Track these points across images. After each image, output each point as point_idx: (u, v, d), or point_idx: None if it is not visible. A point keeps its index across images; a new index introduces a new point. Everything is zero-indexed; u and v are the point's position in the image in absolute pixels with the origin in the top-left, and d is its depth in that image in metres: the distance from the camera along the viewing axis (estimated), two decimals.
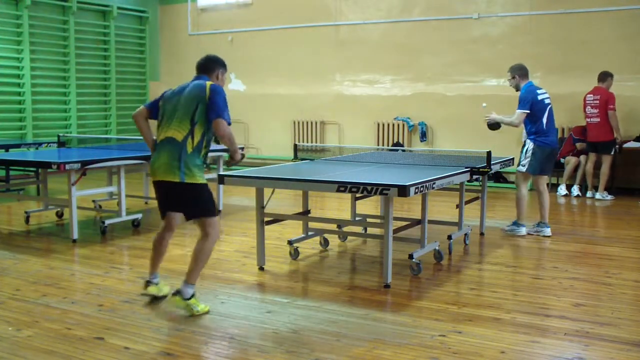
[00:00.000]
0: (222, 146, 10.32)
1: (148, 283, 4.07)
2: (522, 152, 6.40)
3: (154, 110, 4.08)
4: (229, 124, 3.91)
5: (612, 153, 8.67)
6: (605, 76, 8.64)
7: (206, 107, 3.86)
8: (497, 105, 9.99)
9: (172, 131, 3.85)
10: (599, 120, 8.60)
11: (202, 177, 3.87)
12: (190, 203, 3.90)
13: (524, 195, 6.42)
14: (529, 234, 6.38)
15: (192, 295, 3.95)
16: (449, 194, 6.68)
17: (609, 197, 8.62)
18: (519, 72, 6.39)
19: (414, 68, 10.70)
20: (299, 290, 4.59)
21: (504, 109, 10.07)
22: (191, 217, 3.96)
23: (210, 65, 4.16)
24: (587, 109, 8.72)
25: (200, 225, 3.95)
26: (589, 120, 8.73)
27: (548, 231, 6.35)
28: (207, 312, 3.98)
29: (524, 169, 6.27)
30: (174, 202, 3.95)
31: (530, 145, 6.21)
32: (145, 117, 4.10)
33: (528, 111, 6.14)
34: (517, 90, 6.38)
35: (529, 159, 6.20)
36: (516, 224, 6.46)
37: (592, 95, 8.70)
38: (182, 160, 3.78)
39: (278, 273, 4.95)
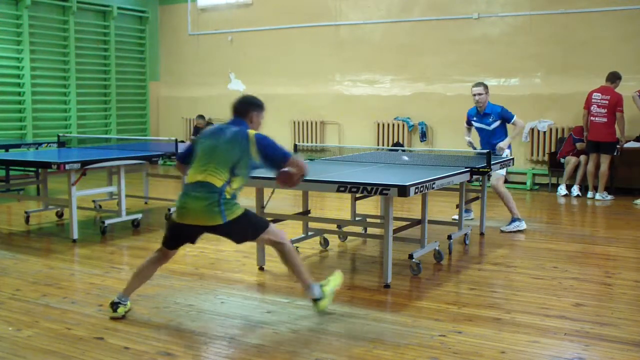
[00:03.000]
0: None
1: (117, 305, 3.87)
2: (493, 159, 6.17)
3: (185, 158, 3.98)
4: (286, 157, 3.80)
5: (615, 154, 8.65)
6: (614, 78, 8.56)
7: (260, 160, 3.74)
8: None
9: (208, 176, 3.67)
10: (605, 120, 8.54)
11: (240, 208, 3.74)
12: (239, 234, 3.81)
13: (508, 192, 6.64)
14: (502, 231, 6.54)
15: (321, 286, 3.90)
16: (449, 194, 6.68)
17: (609, 197, 8.61)
18: (487, 90, 6.72)
19: (414, 68, 10.70)
20: (299, 290, 4.58)
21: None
22: (247, 241, 3.91)
23: (242, 108, 3.99)
24: (592, 108, 8.64)
25: (265, 242, 3.90)
26: (593, 119, 8.65)
27: (524, 224, 6.60)
28: (341, 277, 4.07)
29: (504, 173, 6.56)
30: (191, 239, 3.87)
31: (507, 152, 6.63)
32: (182, 170, 4.02)
33: None
34: (480, 105, 6.65)
35: (506, 166, 6.35)
36: (515, 220, 6.55)
37: (599, 94, 8.61)
38: (222, 205, 3.63)
39: (278, 273, 4.95)
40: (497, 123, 6.62)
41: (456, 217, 6.89)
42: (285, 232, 3.97)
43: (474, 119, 6.78)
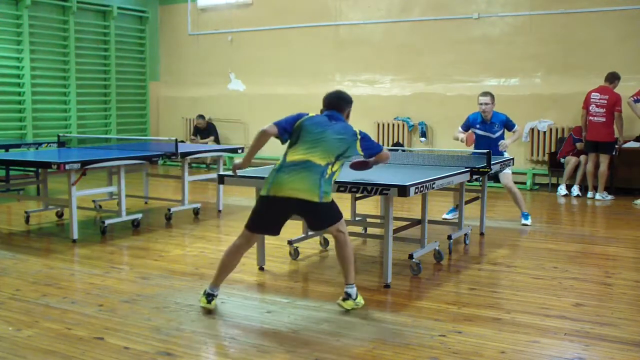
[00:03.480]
0: (222, 146, 10.34)
1: (210, 296, 4.01)
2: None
3: (284, 133, 4.12)
4: (380, 149, 4.31)
5: (614, 154, 8.66)
6: (613, 78, 8.58)
7: (361, 151, 4.18)
8: (496, 105, 10.01)
9: (313, 157, 3.92)
10: (604, 120, 8.55)
11: (331, 195, 3.99)
12: (324, 218, 4.01)
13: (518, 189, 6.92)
14: (527, 225, 6.82)
15: (357, 294, 4.06)
16: (449, 194, 6.69)
17: (609, 197, 8.62)
18: (494, 100, 6.87)
19: (414, 68, 10.70)
20: (299, 290, 4.59)
21: (504, 108, 10.11)
22: (323, 228, 4.08)
23: (340, 105, 4.34)
24: (591, 107, 8.65)
25: (333, 230, 4.03)
26: (592, 118, 8.67)
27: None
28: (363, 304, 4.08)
29: (510, 171, 6.77)
30: (280, 222, 4.03)
31: (506, 154, 6.85)
32: (272, 136, 4.14)
33: None
34: (486, 114, 6.77)
35: (506, 166, 6.49)
36: (527, 215, 6.88)
37: (598, 94, 8.62)
38: (322, 183, 3.88)
39: (278, 273, 4.95)
40: (501, 131, 6.82)
41: (446, 216, 6.99)
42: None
43: (478, 126, 6.83)
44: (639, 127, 9.03)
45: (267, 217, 4.00)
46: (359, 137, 4.16)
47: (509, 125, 6.82)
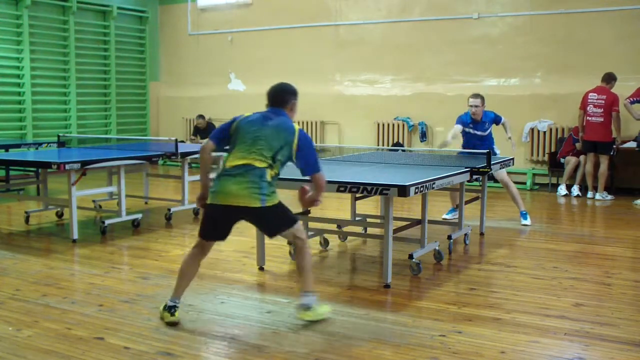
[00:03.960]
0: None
1: (173, 308, 3.81)
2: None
3: (220, 142, 3.93)
4: (318, 170, 3.84)
5: (612, 153, 8.66)
6: (610, 78, 8.60)
7: (295, 155, 3.79)
8: (496, 105, 10.00)
9: (252, 160, 3.71)
10: (602, 120, 8.56)
11: (277, 197, 3.80)
12: (272, 223, 3.83)
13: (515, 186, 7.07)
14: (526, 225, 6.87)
15: (317, 302, 3.88)
16: (449, 194, 6.68)
17: (609, 197, 8.62)
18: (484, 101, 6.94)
19: (414, 68, 10.70)
20: (299, 290, 4.59)
21: (504, 108, 10.10)
22: (275, 235, 3.88)
23: (284, 97, 3.99)
24: (589, 108, 8.66)
25: (289, 236, 3.89)
26: (589, 118, 8.68)
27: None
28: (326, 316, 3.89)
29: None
30: (229, 227, 3.84)
31: (498, 152, 7.03)
32: (211, 151, 3.93)
33: None
34: (476, 115, 6.79)
35: (505, 166, 6.53)
36: (526, 214, 6.95)
37: (595, 94, 8.64)
38: (263, 186, 3.67)
39: (278, 273, 4.95)
40: (490, 128, 6.95)
41: (445, 216, 7.04)
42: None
43: (470, 125, 6.87)
44: (638, 127, 9.02)
45: (216, 225, 3.85)
46: (297, 133, 3.79)
47: (497, 120, 6.98)
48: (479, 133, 6.85)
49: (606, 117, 8.54)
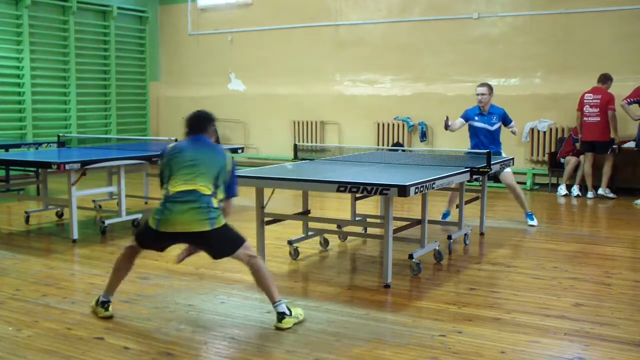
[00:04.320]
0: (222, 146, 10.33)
1: (105, 304, 3.91)
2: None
3: (160, 177, 3.95)
4: (235, 194, 4.02)
5: (610, 153, 8.67)
6: (606, 79, 8.64)
7: (227, 180, 3.91)
8: (497, 105, 10.00)
9: (195, 185, 3.73)
10: (598, 119, 8.60)
11: (223, 219, 3.80)
12: (222, 244, 3.82)
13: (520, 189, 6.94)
14: (533, 226, 6.84)
15: (289, 308, 3.83)
16: (449, 194, 6.68)
17: (612, 194, 8.64)
18: (492, 91, 6.91)
19: (414, 68, 10.70)
20: (299, 290, 4.59)
21: (504, 108, 10.08)
22: (225, 255, 3.88)
23: (202, 125, 4.06)
24: (585, 108, 8.70)
25: (239, 258, 3.86)
26: (586, 119, 8.71)
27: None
28: (303, 318, 3.89)
29: (511, 170, 6.84)
30: (192, 244, 3.88)
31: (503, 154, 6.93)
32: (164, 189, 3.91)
33: None
34: (483, 105, 6.81)
35: (506, 165, 6.52)
36: (532, 215, 6.90)
37: (591, 94, 8.69)
38: (211, 211, 3.69)
39: (278, 273, 4.95)
40: (499, 124, 6.81)
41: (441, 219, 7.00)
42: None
43: (476, 117, 6.82)
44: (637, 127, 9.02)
45: (159, 244, 3.90)
46: (229, 159, 3.94)
47: (506, 120, 6.86)
48: (485, 126, 6.74)
49: (602, 117, 8.57)
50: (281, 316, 3.75)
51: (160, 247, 3.96)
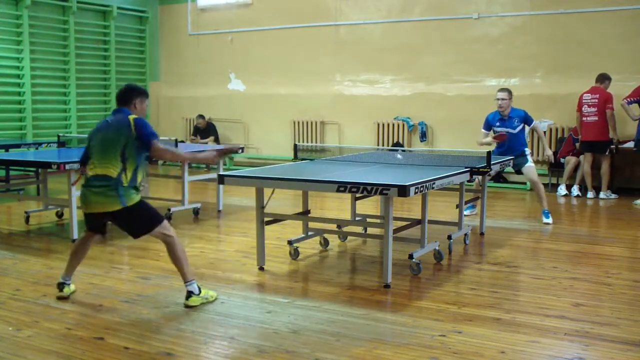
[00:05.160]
0: (222, 146, 10.34)
1: (62, 285, 4.24)
2: (524, 156, 6.96)
3: (85, 160, 4.19)
4: (154, 137, 4.04)
5: (608, 153, 8.67)
6: (603, 78, 8.66)
7: (136, 143, 3.98)
8: (496, 105, 10.00)
9: (104, 169, 3.94)
10: (597, 119, 8.60)
11: (138, 196, 4.02)
12: (137, 222, 4.04)
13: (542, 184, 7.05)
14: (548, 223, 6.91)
15: (199, 288, 4.12)
16: (449, 194, 6.67)
17: (613, 195, 8.64)
18: (512, 95, 6.96)
19: (414, 68, 10.70)
20: (299, 290, 4.59)
21: None
22: (141, 234, 4.07)
23: (125, 96, 4.17)
24: (583, 108, 8.71)
25: (156, 236, 4.07)
26: (585, 119, 8.72)
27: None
28: (216, 298, 4.18)
29: (533, 164, 7.04)
30: (104, 224, 4.17)
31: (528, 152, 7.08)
32: (84, 169, 4.18)
33: None
34: (503, 109, 6.85)
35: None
36: (548, 213, 6.96)
37: (589, 94, 8.70)
38: (120, 190, 3.91)
39: (278, 273, 4.95)
40: (521, 126, 6.88)
41: (466, 212, 7.10)
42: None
43: (497, 123, 6.91)
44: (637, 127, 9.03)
45: (92, 223, 4.16)
46: (132, 123, 3.99)
47: (527, 120, 6.90)
48: (507, 130, 6.84)
49: (601, 116, 8.58)
50: (189, 294, 4.06)
51: (98, 227, 4.20)
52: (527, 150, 7.02)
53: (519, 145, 6.92)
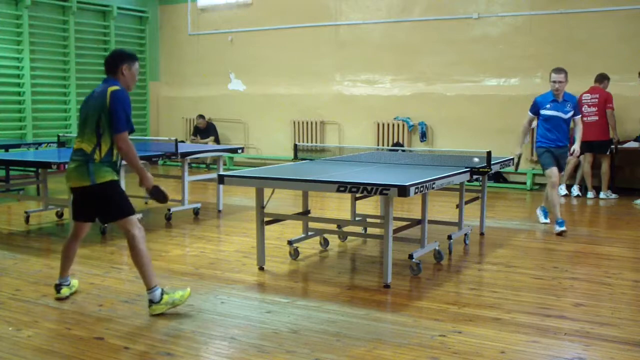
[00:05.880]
0: (222, 146, 10.34)
1: (60, 286, 4.21)
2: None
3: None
4: (132, 130, 3.91)
5: (608, 153, 8.67)
6: (602, 78, 8.67)
7: (108, 118, 3.82)
8: (496, 105, 10.02)
9: (81, 143, 3.90)
10: (597, 119, 8.61)
11: (112, 175, 3.92)
12: (104, 205, 3.94)
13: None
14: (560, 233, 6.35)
15: (162, 293, 3.94)
16: (449, 194, 6.68)
17: (613, 195, 8.64)
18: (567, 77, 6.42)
19: (414, 68, 10.70)
20: (299, 290, 4.59)
21: (504, 108, 10.11)
22: (108, 221, 4.04)
23: (112, 64, 3.96)
24: (583, 108, 8.71)
25: (122, 228, 3.95)
26: (585, 119, 8.70)
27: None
28: (189, 295, 4.03)
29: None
30: (88, 209, 4.03)
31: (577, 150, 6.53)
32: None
33: None
34: (558, 92, 6.35)
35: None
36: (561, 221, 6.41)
37: (589, 94, 8.71)
38: (90, 167, 3.85)
39: (278, 273, 4.95)
40: (572, 113, 6.44)
41: (544, 220, 6.77)
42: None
43: (548, 105, 6.40)
44: (638, 128, 9.03)
45: (76, 205, 4.07)
46: (108, 96, 3.79)
47: (576, 110, 6.49)
48: (558, 114, 6.37)
49: (601, 116, 8.59)
50: (149, 303, 3.91)
51: (83, 214, 4.06)
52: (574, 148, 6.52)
53: (564, 137, 6.46)
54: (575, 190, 8.93)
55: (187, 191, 7.23)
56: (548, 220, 6.82)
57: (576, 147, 6.49)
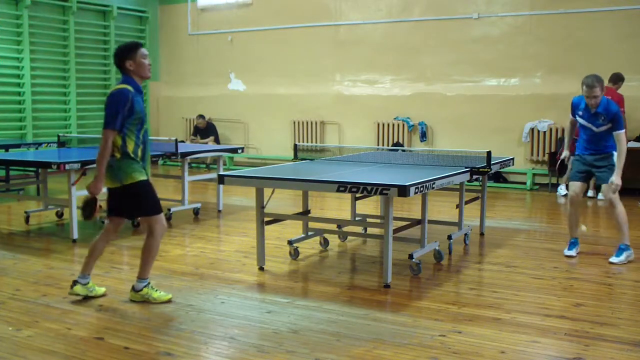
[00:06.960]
0: (222, 146, 10.34)
1: (75, 283, 4.19)
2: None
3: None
4: (118, 130, 3.97)
5: None
6: (617, 79, 8.56)
7: (128, 115, 4.02)
8: (496, 105, 10.03)
9: (115, 142, 4.03)
10: None
11: (140, 175, 4.01)
12: (132, 203, 4.05)
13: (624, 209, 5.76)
14: (611, 263, 5.29)
15: (145, 286, 4.14)
16: (449, 194, 6.67)
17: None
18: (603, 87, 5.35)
19: (414, 68, 10.70)
20: (299, 290, 4.59)
21: (504, 108, 10.10)
22: (134, 217, 4.16)
23: (117, 64, 4.08)
24: None
25: (146, 222, 4.10)
26: None
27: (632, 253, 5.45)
28: (168, 301, 4.14)
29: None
30: (119, 206, 4.13)
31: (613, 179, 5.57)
32: None
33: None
34: (594, 105, 5.30)
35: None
36: (626, 248, 5.42)
37: None
38: (117, 171, 3.96)
39: (278, 273, 4.95)
40: (606, 127, 5.36)
41: (567, 252, 5.53)
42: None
43: (579, 112, 5.48)
44: (638, 128, 9.04)
45: (111, 202, 4.15)
46: (108, 96, 4.04)
47: (615, 124, 5.32)
48: (588, 125, 5.42)
49: None
50: (132, 288, 4.16)
51: (115, 209, 4.13)
52: (615, 156, 5.51)
53: (603, 147, 5.50)
54: None
55: (187, 191, 7.23)
56: (574, 253, 5.55)
57: (614, 178, 5.51)
